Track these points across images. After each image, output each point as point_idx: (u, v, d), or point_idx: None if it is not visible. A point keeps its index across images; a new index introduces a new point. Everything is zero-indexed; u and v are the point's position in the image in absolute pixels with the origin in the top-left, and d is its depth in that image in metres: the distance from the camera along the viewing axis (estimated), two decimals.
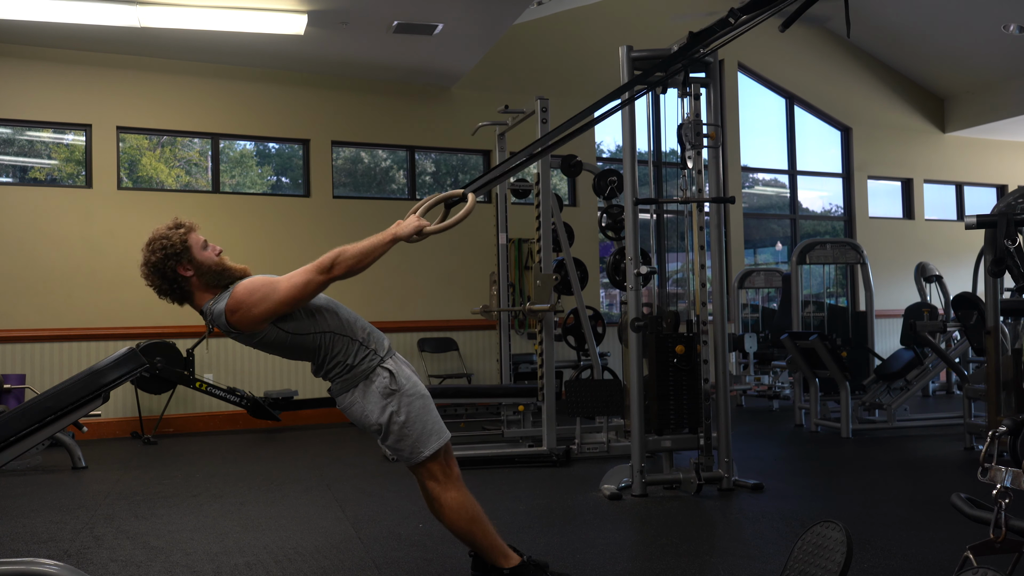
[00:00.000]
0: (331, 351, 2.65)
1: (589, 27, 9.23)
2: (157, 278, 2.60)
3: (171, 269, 2.59)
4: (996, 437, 2.17)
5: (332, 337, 2.65)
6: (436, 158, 9.00)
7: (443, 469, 2.71)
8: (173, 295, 2.65)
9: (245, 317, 2.56)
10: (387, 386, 2.65)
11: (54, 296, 7.06)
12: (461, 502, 2.70)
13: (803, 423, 7.06)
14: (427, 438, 2.67)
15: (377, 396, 2.65)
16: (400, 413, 2.65)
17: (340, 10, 6.52)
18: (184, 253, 2.59)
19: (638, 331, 4.45)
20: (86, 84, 7.29)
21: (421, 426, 2.67)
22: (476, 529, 2.71)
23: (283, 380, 7.70)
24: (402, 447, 2.67)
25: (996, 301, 5.18)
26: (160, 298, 2.67)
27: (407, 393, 2.67)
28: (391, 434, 2.66)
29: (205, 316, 2.66)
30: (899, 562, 3.16)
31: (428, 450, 2.67)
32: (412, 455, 2.67)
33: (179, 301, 2.68)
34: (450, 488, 2.71)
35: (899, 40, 10.52)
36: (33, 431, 2.27)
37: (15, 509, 4.37)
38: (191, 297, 2.66)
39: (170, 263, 2.58)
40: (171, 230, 2.62)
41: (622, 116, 4.62)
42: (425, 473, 2.71)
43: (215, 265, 2.63)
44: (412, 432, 2.65)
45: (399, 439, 2.66)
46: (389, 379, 2.66)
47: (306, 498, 4.54)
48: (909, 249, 10.68)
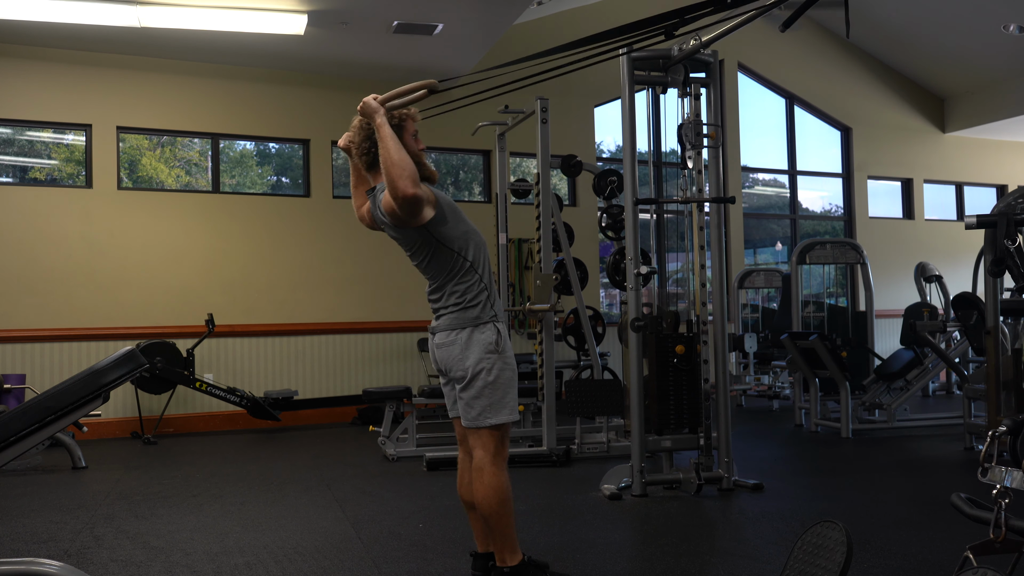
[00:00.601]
0: (461, 279, 2.72)
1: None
2: (364, 135, 2.74)
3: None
4: (996, 437, 2.17)
5: (470, 267, 2.73)
6: (436, 158, 8.99)
7: (498, 444, 2.74)
8: (367, 156, 2.76)
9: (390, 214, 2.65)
10: (493, 342, 2.71)
11: (54, 296, 7.06)
12: (501, 481, 2.72)
13: (803, 423, 7.06)
14: (501, 408, 2.71)
15: (480, 347, 2.69)
16: (492, 372, 2.69)
17: (340, 10, 6.52)
18: (398, 129, 2.67)
19: (638, 331, 4.45)
20: (86, 84, 7.29)
21: (503, 393, 2.71)
22: (503, 512, 2.72)
23: (283, 380, 7.71)
24: (475, 405, 2.70)
25: (996, 301, 5.18)
26: (352, 154, 2.80)
27: (506, 359, 2.74)
28: (473, 387, 2.69)
29: (370, 195, 2.80)
30: (899, 562, 3.16)
31: (496, 419, 2.70)
32: (480, 416, 2.70)
33: (368, 165, 2.79)
34: (497, 463, 2.73)
35: (899, 40, 10.52)
36: (33, 431, 2.27)
37: (15, 509, 4.37)
38: (378, 168, 2.73)
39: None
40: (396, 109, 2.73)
41: (622, 116, 4.62)
42: (481, 440, 2.73)
43: (414, 156, 2.70)
44: (493, 395, 2.69)
45: (477, 395, 2.69)
46: (497, 338, 2.72)
47: (306, 498, 4.54)
48: (909, 249, 10.68)
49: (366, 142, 2.74)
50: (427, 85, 2.69)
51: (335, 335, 7.93)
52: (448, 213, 2.72)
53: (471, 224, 2.81)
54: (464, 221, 2.78)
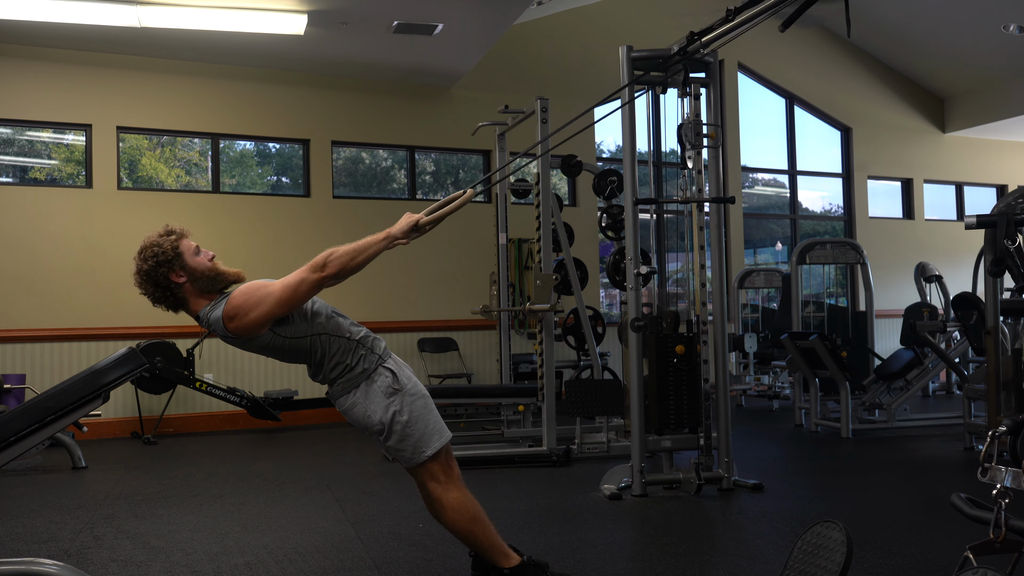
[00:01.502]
0: (328, 353, 2.64)
1: (589, 27, 9.23)
2: (151, 286, 2.58)
3: (164, 276, 2.56)
4: (996, 437, 2.17)
5: (328, 339, 2.64)
6: (436, 158, 9.00)
7: (444, 469, 2.70)
8: (167, 302, 2.63)
9: (242, 323, 2.54)
10: (390, 385, 2.64)
11: (54, 296, 7.06)
12: (462, 502, 2.69)
13: (803, 423, 7.06)
14: (429, 438, 2.66)
15: (380, 396, 2.64)
16: (403, 412, 2.63)
17: (340, 10, 6.52)
18: (176, 260, 2.56)
19: (638, 331, 4.44)
20: (86, 84, 7.29)
21: (423, 425, 2.66)
22: (477, 529, 2.70)
23: (283, 380, 7.70)
24: (404, 447, 2.66)
25: (996, 301, 5.18)
26: (155, 306, 2.65)
27: (409, 392, 2.67)
28: (394, 434, 2.64)
29: (201, 322, 2.64)
30: (899, 562, 3.16)
31: (430, 450, 2.66)
32: (414, 455, 2.66)
33: (174, 308, 2.66)
34: (451, 488, 2.70)
35: (899, 40, 10.52)
36: (33, 431, 2.27)
37: (15, 509, 4.37)
38: (186, 304, 2.63)
39: (162, 270, 2.55)
40: (162, 237, 2.58)
41: (622, 116, 4.62)
42: (426, 474, 2.70)
43: (208, 270, 2.61)
44: (415, 432, 2.64)
45: (402, 439, 2.65)
46: (392, 378, 2.65)
47: (306, 498, 4.54)
48: (909, 249, 10.68)
49: (157, 291, 2.58)
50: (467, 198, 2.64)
51: None
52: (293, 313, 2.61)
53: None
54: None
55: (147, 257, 2.56)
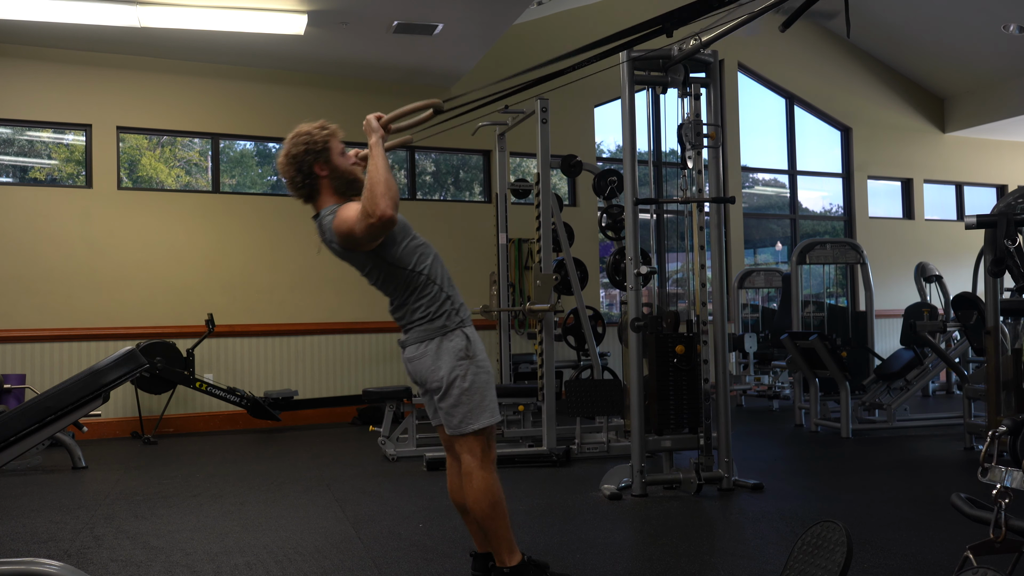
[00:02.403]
0: (419, 293, 2.69)
1: (589, 27, 9.22)
2: (294, 170, 2.67)
3: (308, 164, 2.66)
4: (996, 437, 2.17)
5: (425, 281, 2.69)
6: (436, 158, 9.00)
7: (484, 448, 2.72)
8: (305, 189, 2.71)
9: (345, 237, 2.60)
10: (464, 349, 2.68)
11: (54, 296, 7.06)
12: (491, 484, 2.71)
13: (803, 423, 7.06)
14: (481, 412, 2.68)
15: (450, 355, 2.67)
16: (467, 379, 2.66)
17: (340, 10, 6.52)
18: (323, 153, 2.67)
19: (638, 331, 4.45)
20: (86, 84, 7.29)
21: (480, 398, 2.68)
22: (496, 515, 2.71)
23: (283, 380, 7.71)
24: (455, 413, 2.68)
25: (996, 301, 5.18)
26: (290, 191, 2.74)
27: (478, 363, 2.70)
28: (450, 396, 2.66)
29: (316, 221, 2.72)
30: (899, 562, 3.16)
31: (478, 423, 2.68)
32: (462, 424, 2.68)
33: (306, 198, 2.74)
34: (485, 467, 2.72)
35: (899, 40, 10.52)
36: (33, 431, 2.27)
37: (15, 509, 4.37)
38: (317, 196, 2.71)
39: (308, 158, 2.65)
40: (316, 129, 2.70)
41: (622, 116, 4.62)
42: (466, 445, 2.71)
43: (348, 172, 2.70)
44: (471, 401, 2.67)
45: (456, 404, 2.67)
46: (467, 343, 2.70)
47: (306, 498, 4.54)
48: (909, 249, 10.68)
49: (298, 176, 2.67)
50: (431, 104, 2.69)
51: (335, 335, 7.93)
52: (398, 233, 2.67)
53: (421, 238, 2.75)
54: (414, 236, 2.73)
55: (298, 142, 2.67)
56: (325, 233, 2.68)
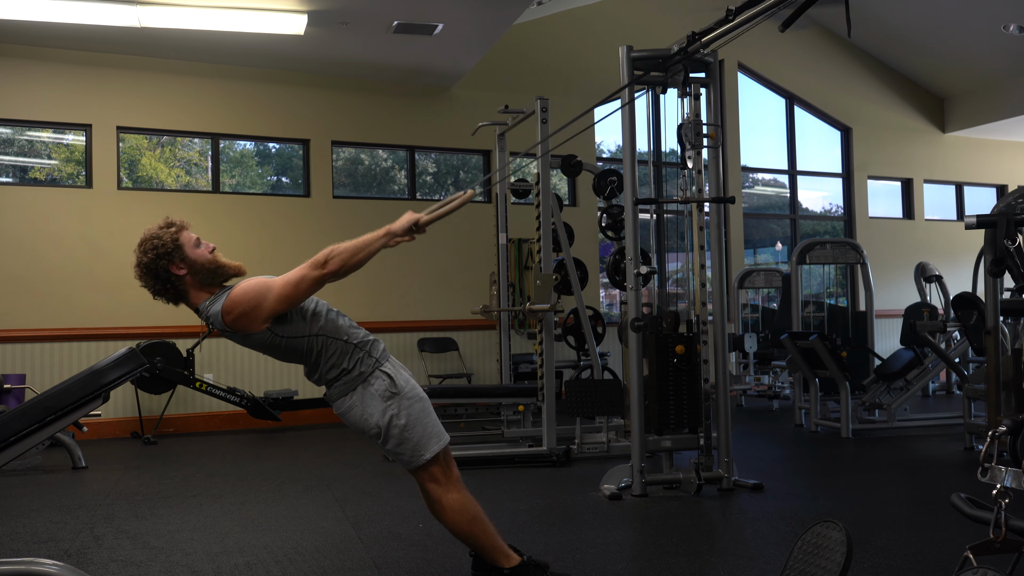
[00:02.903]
0: (325, 354, 2.63)
1: (589, 27, 9.23)
2: (151, 279, 2.58)
3: (164, 269, 2.55)
4: (996, 437, 2.17)
5: (326, 340, 2.63)
6: (436, 158, 9.00)
7: (443, 471, 2.70)
8: (168, 295, 2.62)
9: (241, 318, 2.54)
10: (387, 388, 2.63)
11: (54, 296, 7.06)
12: (462, 503, 2.69)
13: (803, 423, 7.06)
14: (427, 441, 2.65)
15: (377, 399, 2.63)
16: (400, 416, 2.62)
17: (340, 10, 6.52)
18: (176, 252, 2.55)
19: (638, 331, 4.44)
20: (86, 84, 7.29)
21: (422, 429, 2.65)
22: (477, 529, 2.70)
23: (283, 380, 7.70)
24: (403, 451, 2.65)
25: (996, 301, 5.18)
26: (155, 299, 2.65)
27: (407, 396, 2.66)
28: (391, 438, 2.63)
29: (201, 315, 2.63)
30: (899, 562, 3.16)
31: (429, 453, 2.65)
32: (413, 458, 2.66)
33: (174, 301, 2.65)
34: (451, 490, 2.69)
35: (899, 40, 10.52)
36: (33, 431, 2.27)
37: (15, 509, 4.37)
38: (186, 296, 2.62)
39: (162, 263, 2.55)
40: (162, 229, 2.58)
41: (622, 116, 4.62)
42: (426, 476, 2.70)
43: (208, 263, 2.61)
44: (413, 435, 2.64)
45: (400, 443, 2.64)
46: (389, 382, 2.64)
47: (306, 498, 4.54)
48: (909, 249, 10.68)
49: (157, 283, 2.57)
50: (468, 198, 2.65)
51: None
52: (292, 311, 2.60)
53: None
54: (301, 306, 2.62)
55: (147, 250, 2.56)
56: (214, 323, 2.57)
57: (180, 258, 2.56)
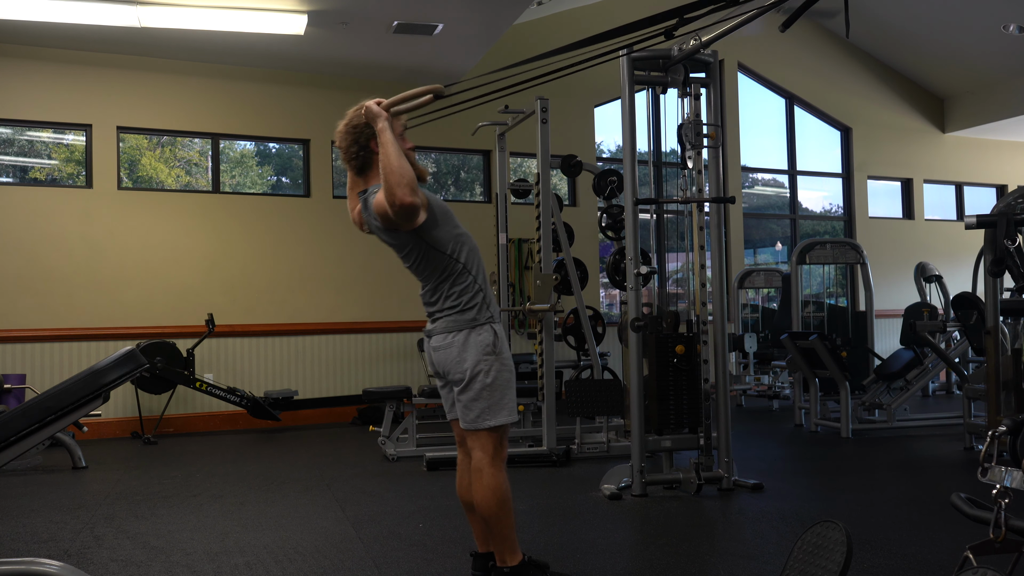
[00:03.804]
0: (456, 281, 2.70)
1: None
2: (351, 139, 2.70)
3: (367, 138, 2.68)
4: (996, 437, 2.17)
5: (463, 270, 2.71)
6: (436, 158, 9.00)
7: (496, 446, 2.73)
8: (356, 161, 2.73)
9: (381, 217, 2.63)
10: (491, 344, 2.69)
11: (54, 296, 7.06)
12: (500, 482, 2.71)
13: (803, 423, 7.06)
14: (500, 409, 2.70)
15: (477, 349, 2.68)
16: (490, 374, 2.67)
17: (340, 10, 6.52)
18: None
19: (638, 331, 4.45)
20: (86, 84, 7.29)
21: (501, 395, 2.69)
22: (502, 514, 2.72)
23: (283, 380, 7.70)
24: (474, 407, 2.68)
25: (996, 301, 5.18)
26: (343, 161, 2.77)
27: (504, 360, 2.72)
28: (471, 389, 2.67)
29: (364, 196, 2.73)
30: (899, 562, 3.16)
31: (495, 420, 2.69)
32: (479, 419, 2.69)
33: (358, 170, 2.76)
34: (496, 464, 2.72)
35: (899, 40, 10.52)
36: (33, 431, 2.27)
37: (15, 509, 4.37)
38: (368, 170, 2.73)
39: (368, 131, 2.67)
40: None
41: (622, 116, 4.62)
42: (480, 442, 2.72)
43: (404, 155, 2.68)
44: (491, 396, 2.68)
45: (476, 398, 2.67)
46: (494, 339, 2.70)
47: (306, 498, 4.54)
48: (909, 249, 10.68)
49: (354, 146, 2.71)
50: (432, 90, 2.69)
51: (335, 335, 7.93)
52: (440, 216, 2.70)
53: (463, 228, 2.78)
54: (456, 224, 2.75)
55: (361, 114, 2.68)
56: (368, 209, 2.70)
57: None
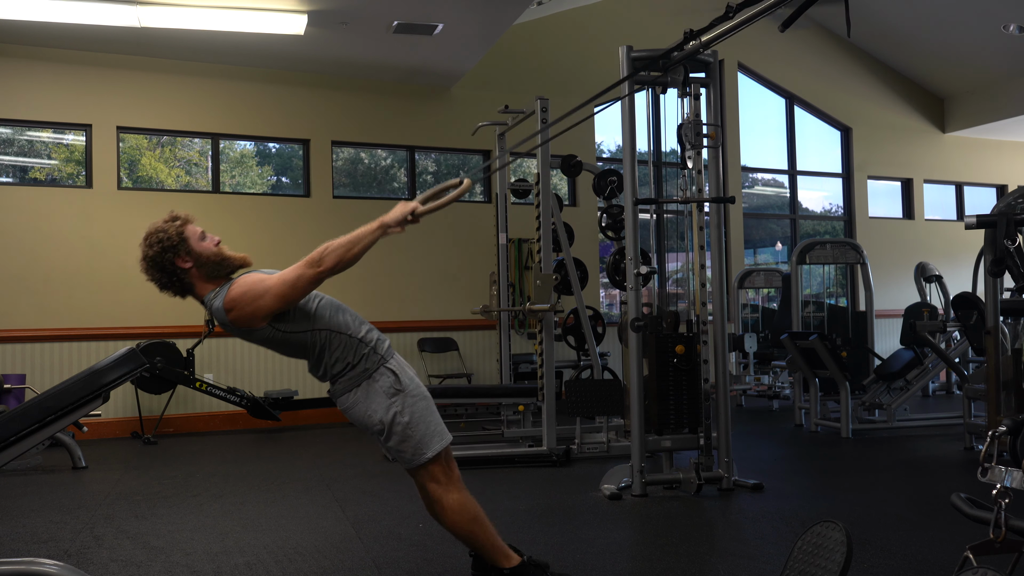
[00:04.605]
0: (329, 349, 2.63)
1: (589, 27, 9.23)
2: (156, 272, 2.59)
3: (169, 262, 2.57)
4: (996, 437, 2.17)
5: (330, 335, 2.63)
6: (436, 158, 9.00)
7: (444, 471, 2.69)
8: (174, 288, 2.63)
9: (240, 315, 2.55)
10: (392, 385, 2.63)
11: (54, 296, 7.06)
12: (463, 503, 2.69)
13: (803, 423, 7.06)
14: (430, 439, 2.65)
15: (381, 396, 2.62)
16: (404, 414, 2.62)
17: (340, 10, 6.52)
18: (181, 245, 2.57)
19: (638, 331, 4.44)
20: (86, 84, 7.29)
21: (424, 427, 2.65)
22: (478, 529, 2.70)
23: (283, 380, 7.70)
24: (404, 448, 2.65)
25: (996, 301, 5.18)
26: (161, 292, 2.66)
27: (411, 394, 2.66)
28: (394, 435, 2.63)
29: (206, 307, 2.65)
30: (899, 562, 3.16)
31: (431, 451, 2.65)
32: (415, 457, 2.65)
33: (181, 294, 2.66)
34: (452, 490, 2.69)
35: (899, 40, 10.52)
36: (33, 431, 2.27)
37: (15, 509, 4.37)
38: (192, 289, 2.64)
39: (168, 256, 2.56)
40: (167, 223, 2.59)
41: (622, 116, 4.62)
42: (426, 475, 2.69)
43: (213, 256, 2.61)
44: (415, 433, 2.63)
45: (402, 440, 2.64)
46: (393, 379, 2.64)
47: (306, 498, 4.54)
48: (909, 249, 10.68)
49: (163, 277, 2.59)
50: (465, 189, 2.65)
51: None
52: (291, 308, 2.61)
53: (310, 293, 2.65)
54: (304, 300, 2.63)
55: (152, 243, 2.57)
56: (217, 318, 2.60)
57: (185, 251, 2.57)
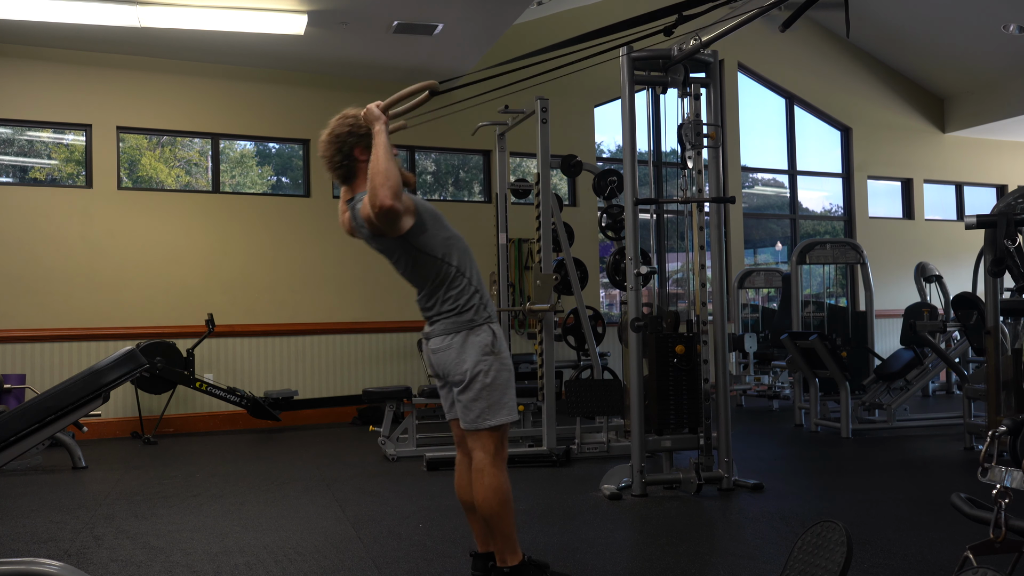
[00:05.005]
0: (451, 285, 2.71)
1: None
2: (334, 148, 2.70)
3: (350, 147, 2.69)
4: (996, 437, 2.17)
5: (456, 273, 2.71)
6: (436, 158, 9.00)
7: (498, 445, 2.73)
8: (341, 170, 2.74)
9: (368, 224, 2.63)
10: (489, 343, 2.70)
11: (54, 296, 7.06)
12: (501, 482, 2.71)
13: (803, 423, 7.06)
14: (500, 409, 2.70)
15: (476, 349, 2.68)
16: (489, 375, 2.68)
17: (340, 10, 6.52)
18: (366, 137, 2.67)
19: (638, 331, 4.45)
20: (86, 84, 7.29)
21: (500, 394, 2.70)
22: (504, 513, 2.72)
23: (283, 380, 7.70)
24: (474, 408, 2.69)
25: (996, 301, 5.18)
26: (327, 169, 2.76)
27: (503, 360, 2.73)
28: (471, 389, 2.68)
29: (352, 204, 2.73)
30: (899, 562, 3.16)
31: (495, 420, 2.69)
32: (480, 419, 2.69)
33: (343, 179, 2.77)
34: (497, 464, 2.72)
35: (899, 40, 10.52)
36: (33, 431, 2.27)
37: (15, 509, 4.37)
38: (354, 178, 2.74)
39: (351, 140, 2.69)
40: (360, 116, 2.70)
41: (622, 116, 4.62)
42: (480, 442, 2.72)
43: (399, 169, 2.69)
44: (491, 396, 2.68)
45: (476, 398, 2.68)
46: (492, 339, 2.71)
47: (306, 498, 4.54)
48: (909, 249, 10.68)
49: (337, 156, 2.71)
50: (428, 87, 2.70)
51: (335, 335, 7.93)
52: (428, 221, 2.69)
53: (453, 230, 2.77)
54: (445, 227, 2.74)
55: (344, 123, 2.70)
56: (356, 218, 2.71)
57: (367, 145, 2.66)
